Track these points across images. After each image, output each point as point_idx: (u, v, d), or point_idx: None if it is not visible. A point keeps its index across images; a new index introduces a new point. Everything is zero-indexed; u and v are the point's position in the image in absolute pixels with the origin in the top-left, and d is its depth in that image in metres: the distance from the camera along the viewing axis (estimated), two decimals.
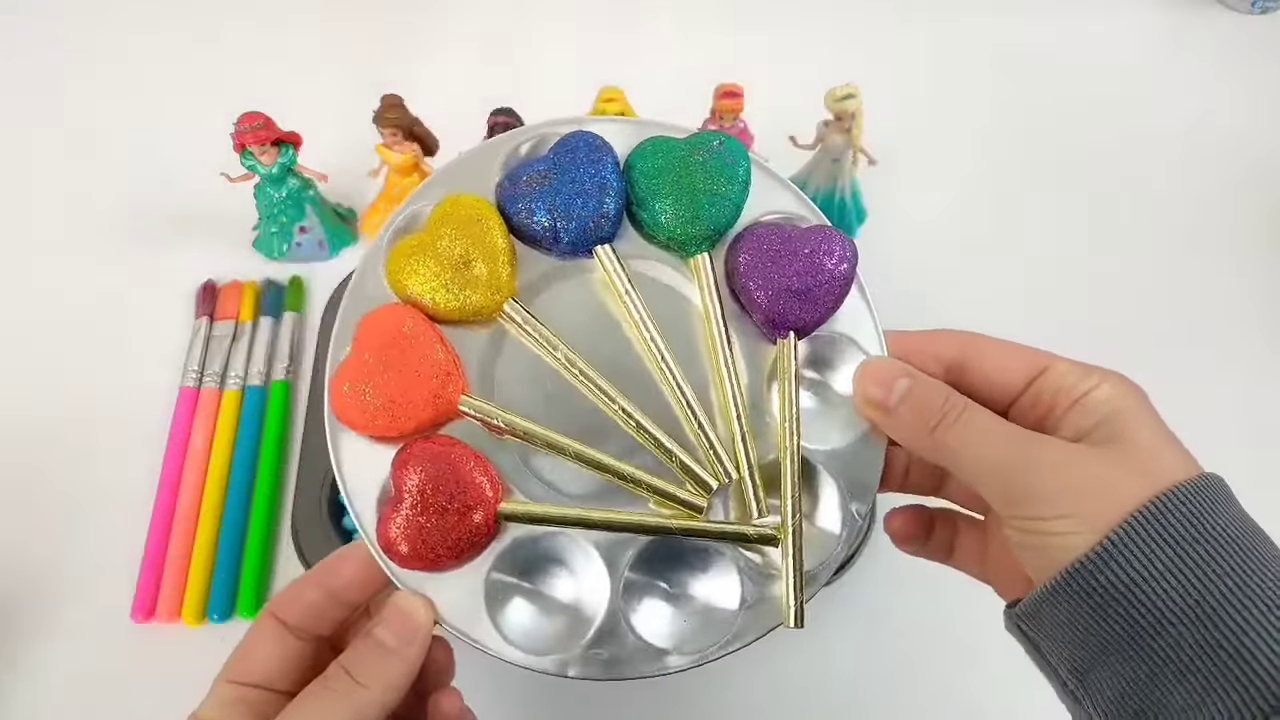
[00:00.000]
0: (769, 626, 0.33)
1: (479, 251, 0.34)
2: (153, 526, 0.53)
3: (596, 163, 0.34)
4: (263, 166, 0.58)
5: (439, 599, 0.32)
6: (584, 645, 0.32)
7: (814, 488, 0.34)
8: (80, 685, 0.49)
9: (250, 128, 0.55)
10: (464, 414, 0.33)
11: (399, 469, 0.32)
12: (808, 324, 0.35)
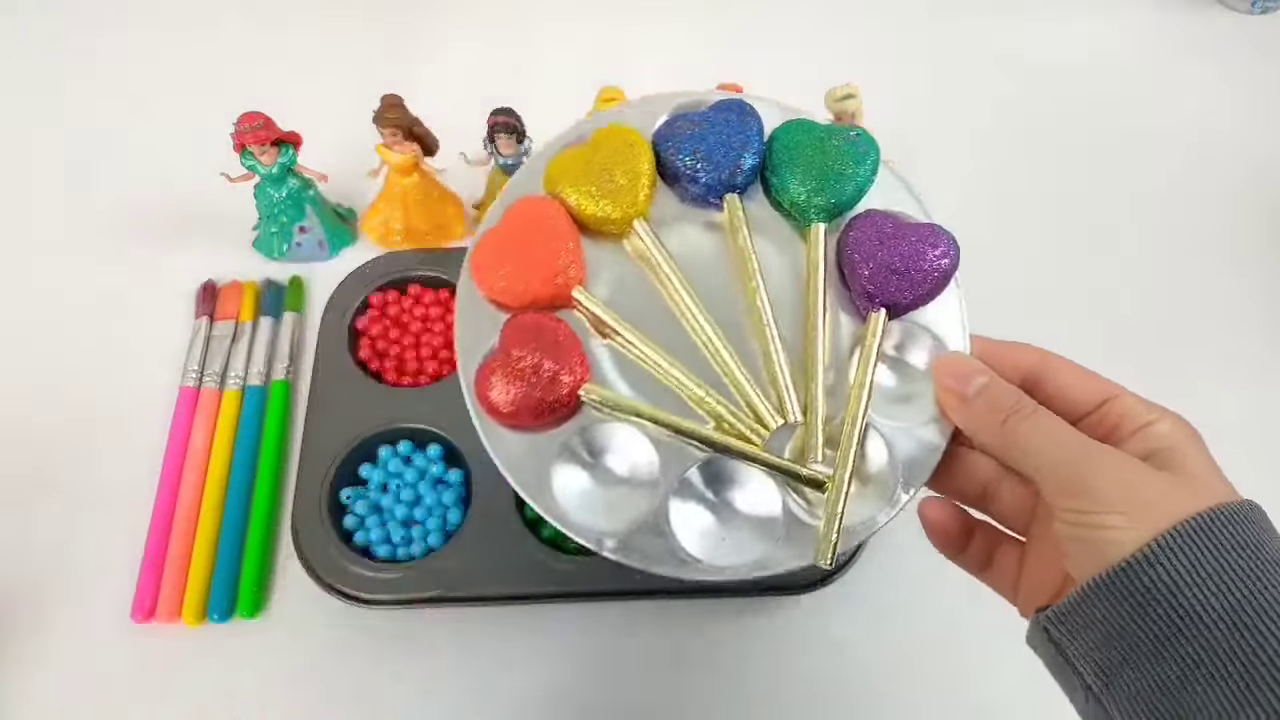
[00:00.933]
0: (800, 564, 0.35)
1: (624, 172, 0.38)
2: (153, 526, 0.53)
3: (744, 124, 0.39)
4: (263, 166, 0.58)
5: (511, 455, 0.35)
6: (624, 532, 0.35)
7: (871, 454, 0.36)
8: (81, 685, 0.49)
9: (250, 128, 0.55)
10: (575, 304, 0.37)
11: (506, 328, 0.36)
12: (901, 304, 0.37)
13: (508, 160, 0.58)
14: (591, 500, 0.36)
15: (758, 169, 0.39)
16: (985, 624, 0.52)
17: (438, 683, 0.50)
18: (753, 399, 0.36)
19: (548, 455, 0.36)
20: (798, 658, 0.51)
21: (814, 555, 0.35)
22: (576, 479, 0.36)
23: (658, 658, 0.51)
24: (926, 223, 0.39)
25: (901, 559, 0.53)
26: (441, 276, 0.61)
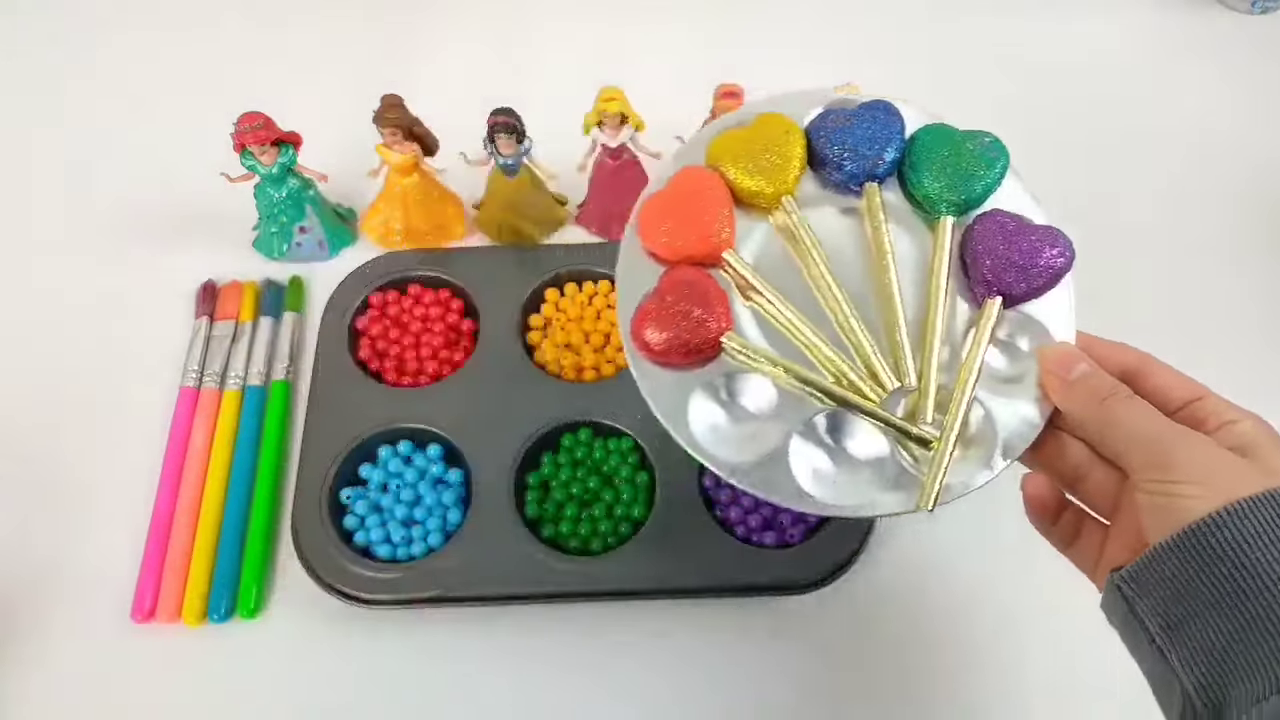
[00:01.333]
0: (901, 510, 0.39)
1: (778, 153, 0.43)
2: (153, 526, 0.53)
3: (889, 122, 0.44)
4: (263, 166, 0.58)
5: (655, 387, 0.40)
6: (748, 464, 0.39)
7: (974, 423, 0.40)
8: (81, 685, 0.49)
9: (250, 128, 0.56)
10: (724, 264, 0.42)
11: (665, 278, 0.41)
12: (1016, 295, 0.41)
13: (508, 160, 0.58)
14: (721, 434, 0.40)
15: (897, 163, 0.44)
16: (984, 624, 0.52)
17: (438, 682, 0.50)
18: (874, 363, 0.40)
19: (687, 390, 0.40)
20: (798, 658, 0.51)
21: (917, 502, 0.39)
22: (711, 414, 0.41)
23: (657, 658, 0.51)
24: (1046, 225, 0.43)
25: (901, 560, 0.53)
26: (442, 276, 0.61)
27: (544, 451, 0.55)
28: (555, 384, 0.56)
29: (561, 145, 0.59)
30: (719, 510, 0.52)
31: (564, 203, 0.65)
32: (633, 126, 0.57)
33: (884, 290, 0.42)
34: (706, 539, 0.51)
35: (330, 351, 0.57)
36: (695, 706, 0.50)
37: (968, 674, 0.51)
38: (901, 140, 0.44)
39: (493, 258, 0.62)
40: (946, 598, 0.53)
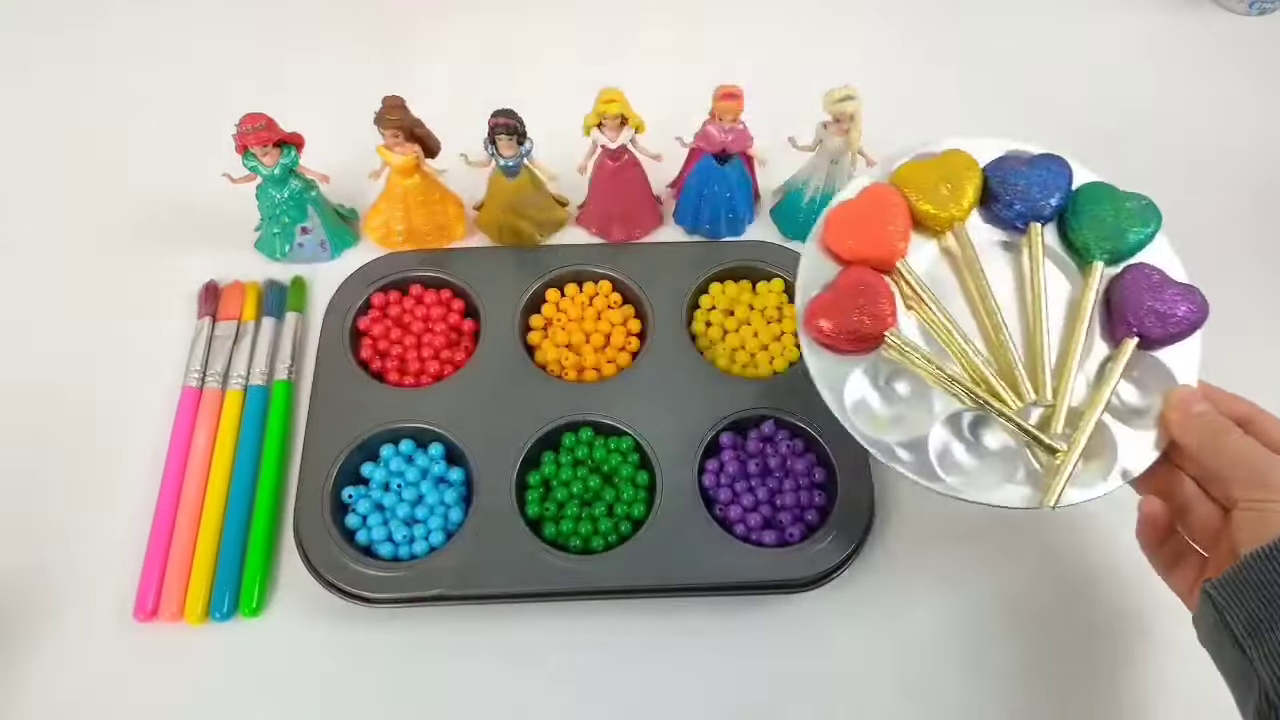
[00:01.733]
0: (1025, 505, 0.45)
1: (956, 185, 0.50)
2: (155, 526, 0.53)
3: (1059, 173, 0.51)
4: (265, 168, 0.58)
5: (821, 367, 0.47)
6: (893, 443, 0.46)
7: (1099, 441, 0.46)
8: (84, 684, 0.50)
9: (252, 129, 0.56)
10: (895, 272, 0.49)
11: (842, 274, 0.48)
12: (1151, 338, 0.47)
13: (508, 161, 0.58)
14: (872, 415, 0.47)
15: (1060, 210, 0.50)
16: (983, 623, 0.52)
17: (439, 681, 0.50)
18: (1016, 376, 0.46)
19: (846, 372, 0.47)
20: (797, 657, 0.51)
21: (1041, 500, 0.45)
22: (866, 396, 0.48)
23: (658, 656, 0.51)
24: (1186, 283, 0.49)
25: (900, 560, 0.54)
26: (443, 277, 0.61)
27: (545, 451, 0.55)
28: (556, 384, 0.57)
29: (562, 146, 0.60)
30: (719, 509, 0.53)
31: (564, 204, 0.65)
32: (633, 128, 0.58)
33: (1033, 317, 0.48)
34: (706, 538, 0.51)
35: (332, 351, 0.57)
36: (695, 704, 0.50)
37: (966, 673, 0.51)
38: (1068, 190, 0.50)
39: (494, 258, 0.62)
40: (946, 596, 0.53)
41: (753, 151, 0.61)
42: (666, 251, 0.63)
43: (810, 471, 0.54)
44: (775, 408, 0.55)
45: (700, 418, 0.55)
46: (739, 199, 0.62)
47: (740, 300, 0.60)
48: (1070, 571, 0.54)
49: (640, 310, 0.60)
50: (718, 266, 0.61)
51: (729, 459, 0.54)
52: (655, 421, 0.55)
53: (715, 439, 0.55)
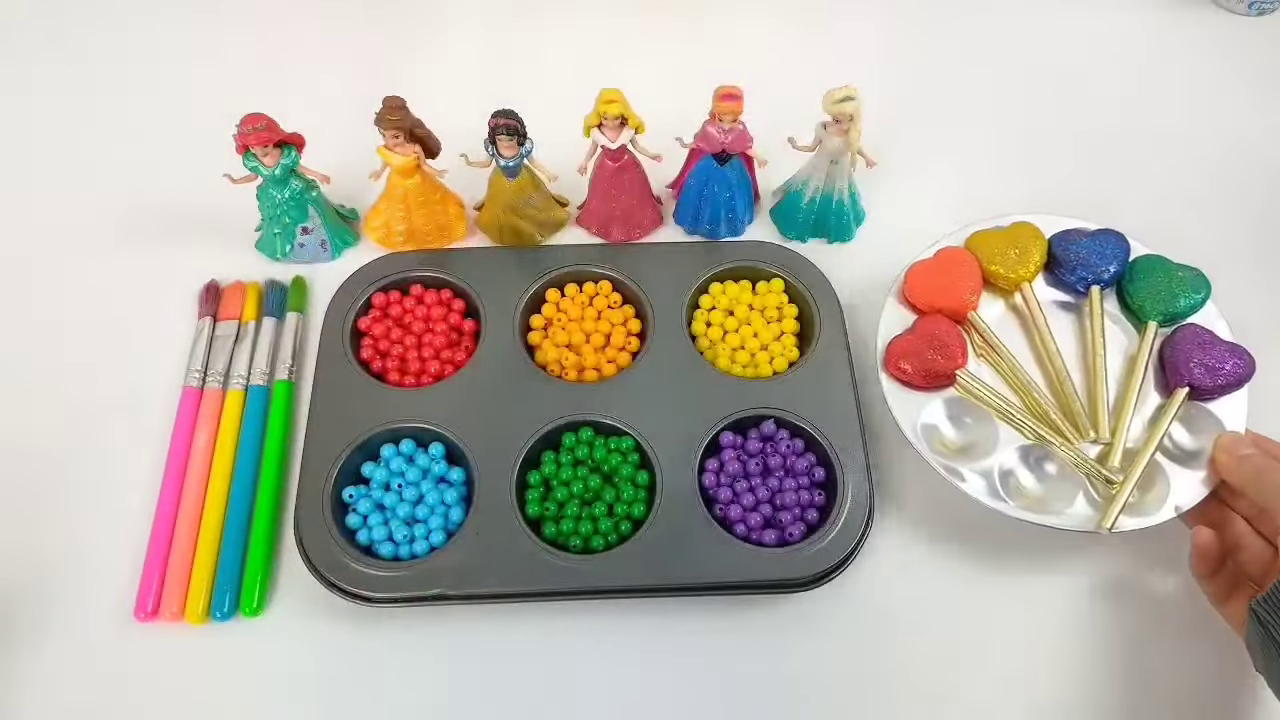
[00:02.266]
0: (1081, 529, 0.50)
1: (1023, 250, 0.58)
2: (156, 526, 0.53)
3: (1118, 245, 0.58)
4: (265, 168, 0.58)
5: (898, 400, 0.53)
6: (963, 469, 0.51)
7: (1151, 476, 0.52)
8: (84, 684, 0.50)
9: (253, 129, 0.56)
10: (968, 322, 0.56)
11: (921, 321, 0.56)
12: (1202, 389, 0.53)
13: (509, 162, 0.58)
14: (943, 441, 0.53)
15: (1118, 276, 0.57)
16: (982, 624, 0.52)
17: (440, 680, 0.50)
18: (1076, 414, 0.53)
19: (923, 406, 0.53)
20: (798, 655, 0.51)
21: (1099, 523, 0.49)
22: (939, 425, 0.54)
23: (658, 656, 0.51)
24: (1234, 342, 0.55)
25: (900, 559, 0.54)
26: (443, 277, 0.61)
27: (545, 450, 0.55)
28: (556, 384, 0.57)
29: (562, 147, 0.60)
30: (719, 509, 0.53)
31: (564, 204, 0.65)
32: (633, 128, 0.58)
33: (1093, 367, 0.55)
34: (707, 537, 0.51)
35: (333, 351, 0.58)
36: (696, 703, 0.50)
37: (965, 673, 0.51)
38: (1125, 259, 0.57)
39: (494, 258, 0.62)
40: (944, 597, 0.53)
41: (752, 152, 0.61)
42: (667, 252, 0.63)
43: (810, 471, 0.54)
44: (775, 407, 0.55)
45: (700, 417, 0.55)
46: (739, 199, 0.62)
47: (740, 300, 0.60)
48: (1070, 571, 0.54)
49: (640, 310, 0.60)
50: (718, 267, 0.61)
51: (729, 458, 0.54)
52: (655, 421, 0.55)
53: (715, 438, 0.55)
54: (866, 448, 0.54)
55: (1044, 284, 0.58)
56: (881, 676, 0.51)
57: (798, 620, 0.52)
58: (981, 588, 0.53)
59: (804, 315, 0.60)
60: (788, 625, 0.52)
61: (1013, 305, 0.58)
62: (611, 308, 0.60)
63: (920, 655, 0.51)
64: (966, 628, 0.52)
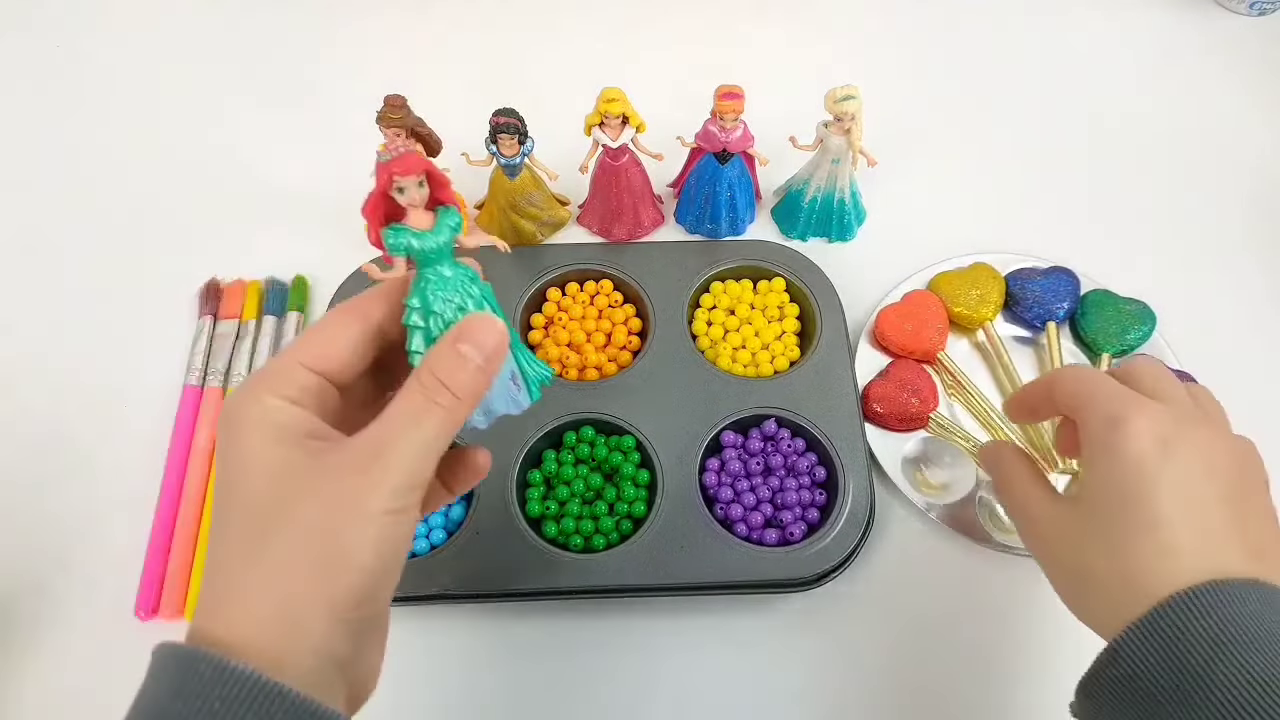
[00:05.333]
0: None
1: (982, 291, 0.61)
2: (157, 524, 0.53)
3: (1070, 283, 0.61)
4: (419, 238, 0.33)
5: (878, 442, 0.56)
6: (941, 504, 0.54)
7: None
8: (85, 683, 0.50)
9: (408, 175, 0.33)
10: (938, 362, 0.59)
11: (893, 365, 0.58)
12: None
13: (510, 161, 0.58)
14: (916, 479, 0.56)
15: (1070, 312, 0.60)
16: (982, 622, 0.52)
17: (438, 679, 0.50)
18: (1047, 450, 0.56)
19: (900, 447, 0.56)
20: (799, 654, 0.51)
21: None
22: (915, 465, 0.56)
23: (658, 655, 0.51)
24: (1180, 369, 0.58)
25: (900, 558, 0.54)
26: None
27: (546, 449, 0.55)
28: (558, 383, 0.57)
29: (563, 146, 0.60)
30: (720, 508, 0.53)
31: (565, 203, 0.65)
32: (634, 127, 0.58)
33: None
34: (708, 537, 0.51)
35: None
36: (696, 703, 0.50)
37: (965, 672, 0.51)
38: (1076, 296, 0.60)
39: (494, 257, 0.62)
40: (945, 596, 0.53)
41: (753, 151, 0.61)
42: (668, 251, 0.63)
43: (812, 470, 0.54)
44: (776, 407, 0.55)
45: (702, 416, 0.55)
46: (740, 198, 0.62)
47: (742, 300, 0.60)
48: None
49: (641, 309, 0.60)
50: (719, 266, 0.61)
51: (730, 458, 0.54)
52: (657, 420, 0.55)
53: (717, 438, 0.55)
54: (867, 447, 0.54)
55: (1003, 321, 0.61)
56: (883, 676, 0.51)
57: (799, 620, 0.52)
58: (983, 587, 0.53)
59: (805, 314, 0.60)
60: (789, 625, 0.52)
61: (977, 343, 0.61)
62: (613, 307, 0.60)
63: (921, 654, 0.51)
64: (968, 627, 0.52)
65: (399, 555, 0.31)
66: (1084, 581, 0.37)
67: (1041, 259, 0.63)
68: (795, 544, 0.51)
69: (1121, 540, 0.35)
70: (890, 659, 0.51)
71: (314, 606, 0.29)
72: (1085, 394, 0.38)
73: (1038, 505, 0.40)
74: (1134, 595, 0.34)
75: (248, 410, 0.31)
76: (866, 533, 0.52)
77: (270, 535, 0.29)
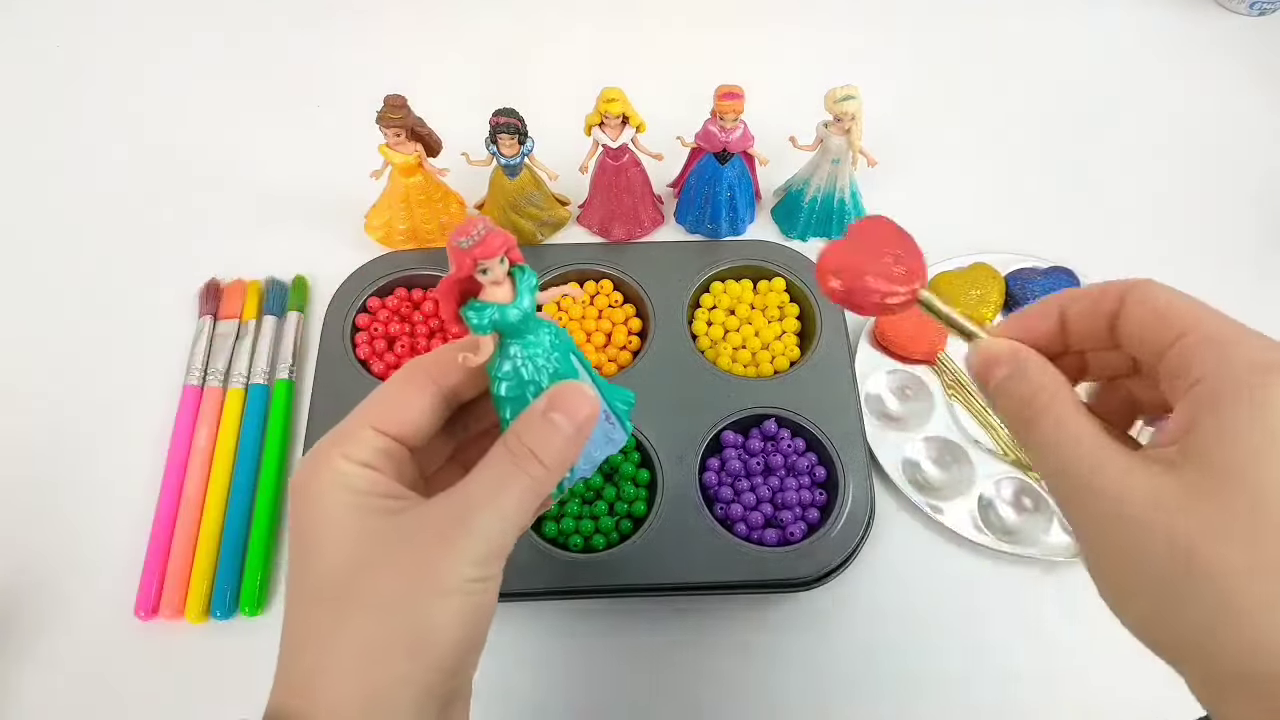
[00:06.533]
0: (1064, 558, 0.52)
1: (982, 290, 0.61)
2: (156, 524, 0.53)
3: (1068, 281, 0.60)
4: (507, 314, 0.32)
5: (882, 444, 0.55)
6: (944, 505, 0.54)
7: None
8: (85, 682, 0.50)
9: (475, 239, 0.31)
10: (939, 363, 0.59)
11: (861, 221, 0.35)
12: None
13: (510, 161, 0.58)
14: (916, 479, 0.55)
15: None
16: (983, 621, 0.52)
17: None
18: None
19: (900, 448, 0.56)
20: (799, 654, 0.51)
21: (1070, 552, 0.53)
22: (915, 465, 0.56)
23: (657, 654, 0.51)
24: None
25: (901, 557, 0.54)
26: (443, 276, 0.61)
27: None
28: None
29: (563, 146, 0.60)
30: (720, 508, 0.53)
31: (565, 203, 0.65)
32: (634, 127, 0.58)
33: None
34: (708, 536, 0.51)
35: (333, 350, 0.57)
36: (696, 703, 0.50)
37: (965, 672, 0.51)
38: None
39: None
40: (945, 595, 0.53)
41: (753, 151, 0.61)
42: (668, 251, 0.63)
43: (812, 470, 0.54)
44: (777, 406, 0.55)
45: (702, 416, 0.55)
46: (740, 198, 0.62)
47: (742, 300, 0.60)
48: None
49: (641, 309, 0.60)
50: (719, 266, 0.61)
51: (731, 457, 0.54)
52: (657, 420, 0.55)
53: (717, 437, 0.55)
54: (867, 447, 0.54)
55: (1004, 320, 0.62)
56: (882, 676, 0.51)
57: (799, 619, 0.52)
58: (984, 587, 0.53)
59: (805, 314, 0.60)
60: (789, 624, 0.52)
61: None
62: (613, 307, 0.60)
63: (922, 655, 0.51)
64: (969, 627, 0.52)
65: (484, 625, 0.30)
66: (1179, 583, 0.24)
67: (1041, 259, 0.63)
68: (795, 544, 0.51)
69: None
70: (890, 659, 0.51)
71: (400, 687, 0.27)
72: (1193, 319, 0.27)
73: (1112, 461, 0.26)
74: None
75: (321, 476, 0.29)
76: (866, 533, 0.52)
77: (351, 610, 0.28)
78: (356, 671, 0.27)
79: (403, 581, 0.28)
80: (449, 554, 0.28)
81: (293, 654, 0.29)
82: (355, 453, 0.30)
